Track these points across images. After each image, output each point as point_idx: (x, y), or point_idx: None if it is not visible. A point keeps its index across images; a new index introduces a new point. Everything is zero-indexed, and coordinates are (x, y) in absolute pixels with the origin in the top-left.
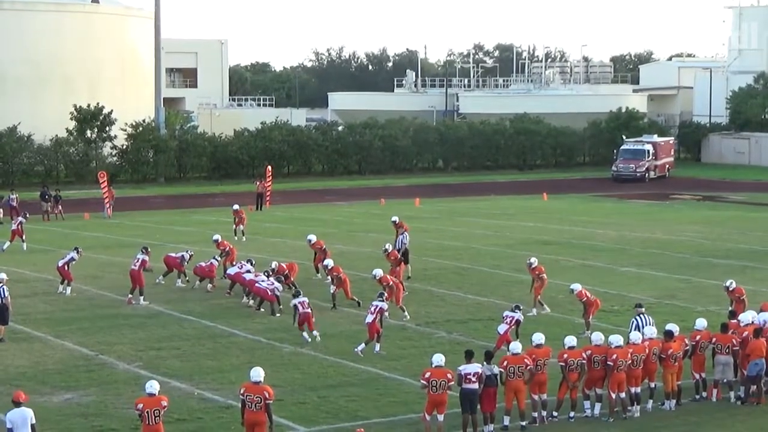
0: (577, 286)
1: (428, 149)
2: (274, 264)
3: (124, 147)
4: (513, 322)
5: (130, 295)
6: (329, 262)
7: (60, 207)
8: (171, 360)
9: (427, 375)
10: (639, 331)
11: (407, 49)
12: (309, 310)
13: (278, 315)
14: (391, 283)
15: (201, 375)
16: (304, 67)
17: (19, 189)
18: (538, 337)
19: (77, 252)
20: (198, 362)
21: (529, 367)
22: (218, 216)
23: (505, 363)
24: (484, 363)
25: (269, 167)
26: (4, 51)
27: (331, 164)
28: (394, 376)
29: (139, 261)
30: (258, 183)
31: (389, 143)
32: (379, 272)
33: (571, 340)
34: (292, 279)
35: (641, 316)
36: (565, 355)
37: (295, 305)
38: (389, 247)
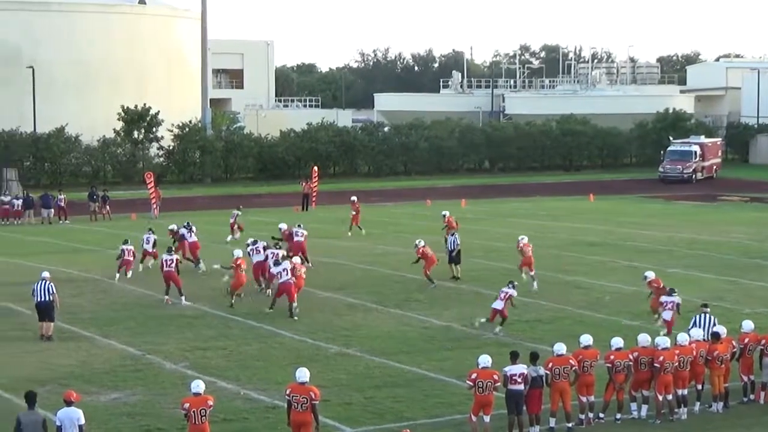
0: (651, 274)
1: (474, 150)
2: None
3: (171, 148)
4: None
5: (166, 296)
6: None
7: (107, 207)
8: (217, 360)
9: (474, 376)
10: (699, 328)
11: (453, 49)
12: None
13: (296, 318)
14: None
15: (247, 375)
16: (350, 68)
17: (67, 189)
18: (586, 339)
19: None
20: (244, 362)
21: (574, 368)
22: (264, 216)
23: (550, 364)
24: (530, 364)
25: (315, 168)
26: (53, 52)
27: (377, 165)
28: (440, 376)
29: (173, 261)
30: (304, 184)
31: (435, 144)
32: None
33: (617, 342)
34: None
35: (703, 315)
36: (612, 357)
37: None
38: (422, 242)
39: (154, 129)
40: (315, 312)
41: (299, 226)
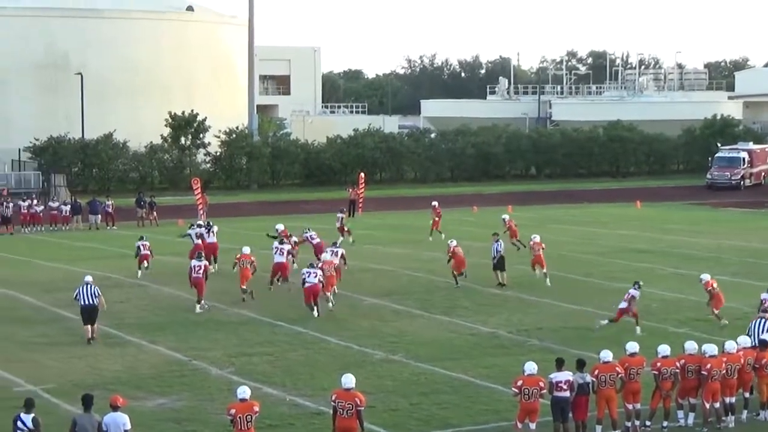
0: (706, 276)
1: (521, 156)
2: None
3: (218, 154)
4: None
5: (200, 303)
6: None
7: (155, 213)
8: (263, 366)
9: (519, 383)
10: (752, 335)
11: (500, 56)
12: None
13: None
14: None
15: (293, 381)
16: (397, 75)
17: (115, 195)
18: (632, 346)
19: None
20: (290, 368)
21: (620, 376)
22: (311, 222)
23: (596, 371)
24: (576, 371)
25: (362, 174)
26: (102, 58)
27: (424, 171)
28: (486, 383)
29: (201, 267)
30: (351, 190)
31: (482, 150)
32: None
33: (664, 349)
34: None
35: (761, 320)
36: (659, 364)
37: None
38: (455, 243)
39: (201, 135)
40: (361, 318)
41: (308, 229)
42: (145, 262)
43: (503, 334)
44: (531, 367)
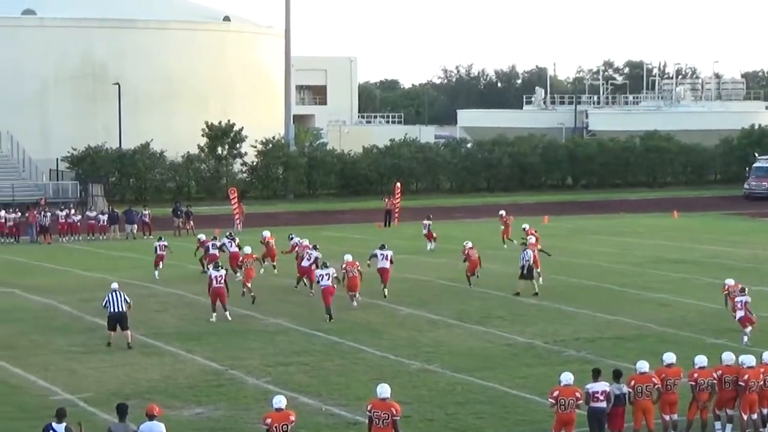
0: (730, 281)
1: (557, 166)
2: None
3: (254, 164)
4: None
5: (226, 313)
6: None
7: (191, 223)
8: (299, 375)
9: (556, 393)
10: None
11: (536, 65)
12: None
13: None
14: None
15: (329, 390)
16: (433, 84)
17: (151, 205)
18: (669, 357)
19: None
20: (326, 378)
21: (657, 387)
22: (347, 232)
23: (632, 382)
24: (613, 382)
25: (398, 184)
26: (138, 69)
27: (460, 181)
28: (522, 393)
29: (222, 277)
30: (387, 200)
31: (518, 160)
32: None
33: (701, 360)
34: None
35: None
36: (696, 375)
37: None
38: (470, 244)
39: (237, 145)
40: (397, 328)
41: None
42: (161, 263)
43: (539, 345)
44: (567, 377)
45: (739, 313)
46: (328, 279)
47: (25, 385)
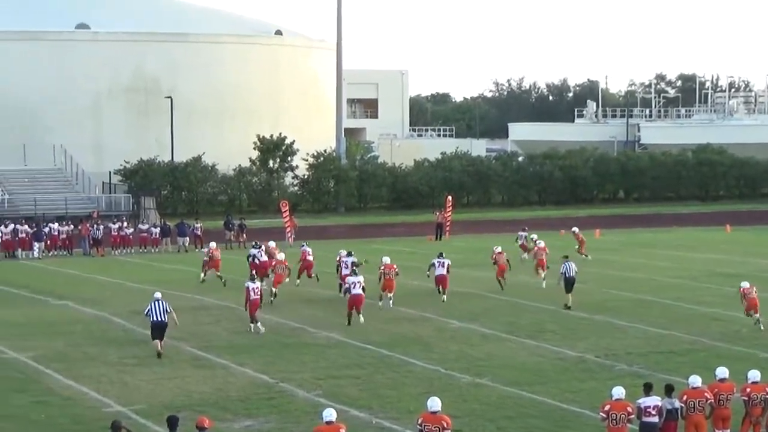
0: (745, 284)
1: (609, 180)
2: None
3: (306, 177)
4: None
5: (258, 324)
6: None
7: (245, 235)
8: (350, 388)
9: (607, 408)
10: None
11: (588, 79)
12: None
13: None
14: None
15: (379, 404)
16: (485, 98)
17: (203, 218)
18: (722, 372)
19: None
20: (376, 391)
21: (709, 402)
22: (398, 246)
23: (684, 397)
24: (665, 396)
25: (449, 197)
26: (191, 82)
27: (511, 195)
28: (573, 408)
29: (259, 288)
30: (438, 213)
31: (569, 174)
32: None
33: (754, 375)
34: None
35: None
36: (748, 390)
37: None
38: (500, 249)
39: (289, 158)
40: (448, 342)
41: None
42: (212, 269)
43: (591, 359)
44: (619, 391)
45: None
46: (358, 287)
47: (77, 397)
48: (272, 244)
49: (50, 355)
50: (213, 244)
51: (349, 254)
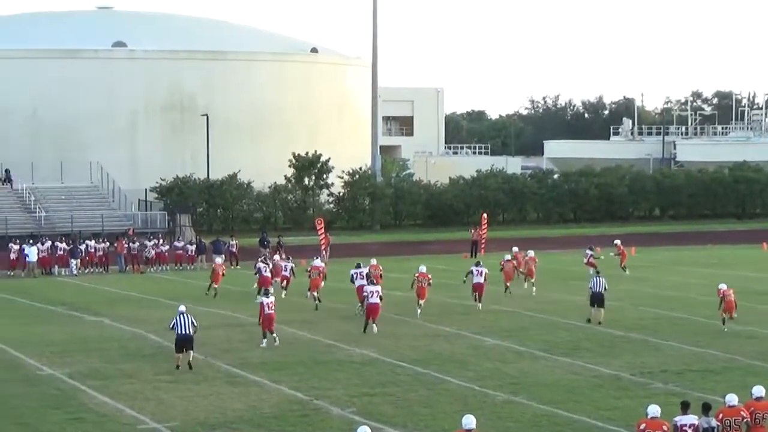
0: (723, 286)
1: (644, 197)
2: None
3: (341, 194)
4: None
5: (266, 339)
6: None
7: (284, 253)
8: (384, 406)
9: (642, 426)
10: None
11: (624, 96)
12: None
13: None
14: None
15: (414, 421)
16: (520, 115)
17: (238, 235)
18: (758, 390)
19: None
20: (411, 409)
21: (745, 420)
22: (433, 263)
23: (720, 415)
24: (702, 415)
25: (485, 215)
26: (228, 99)
27: (547, 212)
28: (608, 426)
29: (273, 303)
30: (473, 231)
31: (605, 191)
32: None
33: None
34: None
35: None
36: None
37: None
38: (509, 257)
39: (324, 176)
40: (483, 359)
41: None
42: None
43: (626, 377)
44: (654, 409)
45: None
46: (376, 296)
47: (113, 414)
48: (276, 257)
49: (86, 372)
50: (219, 260)
51: (358, 266)
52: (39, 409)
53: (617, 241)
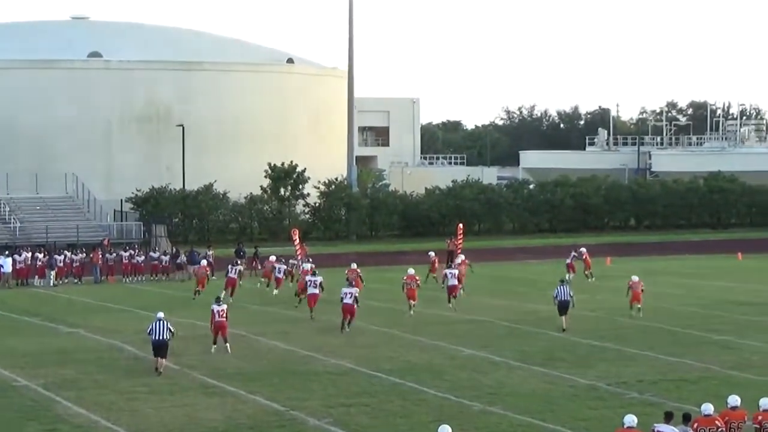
0: (635, 278)
1: (620, 208)
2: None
3: (317, 205)
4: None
5: (227, 345)
6: None
7: (257, 263)
8: (360, 417)
9: None
10: None
11: (599, 107)
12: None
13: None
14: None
15: None
16: (496, 126)
17: (214, 246)
18: (734, 400)
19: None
20: (387, 419)
21: (720, 429)
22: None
23: (696, 425)
24: (680, 424)
25: (460, 225)
26: (203, 110)
27: (522, 222)
28: None
29: (224, 310)
30: (449, 241)
31: (581, 201)
32: None
33: (766, 402)
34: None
35: None
36: (760, 417)
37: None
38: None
39: (300, 186)
40: (459, 369)
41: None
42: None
43: (602, 387)
44: (631, 419)
45: None
46: (350, 298)
47: (88, 425)
48: (204, 262)
49: (61, 383)
50: (204, 262)
51: (314, 273)
52: (14, 420)
53: (582, 249)
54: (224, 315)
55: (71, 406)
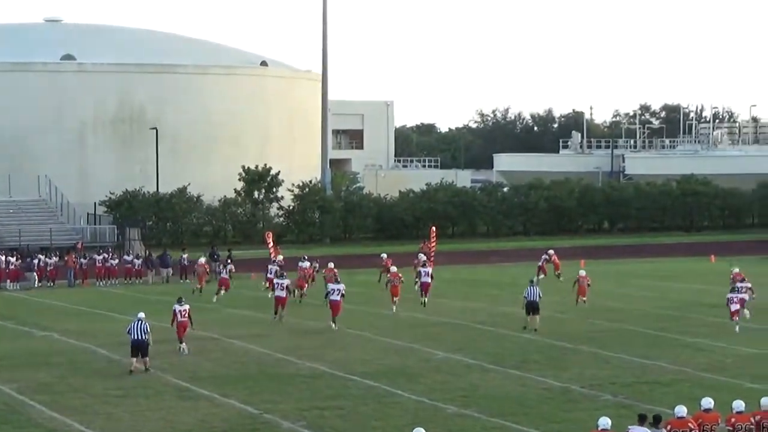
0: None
1: (593, 210)
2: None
3: (291, 208)
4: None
5: (183, 345)
6: None
7: (232, 266)
8: (334, 420)
9: None
10: None
11: (573, 110)
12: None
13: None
14: None
15: None
16: (470, 128)
17: (188, 249)
18: (707, 402)
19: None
20: (361, 422)
21: (693, 431)
22: (383, 276)
23: (669, 427)
24: (653, 427)
25: (434, 228)
26: (176, 113)
27: (496, 225)
28: None
29: (186, 311)
30: (423, 244)
31: (554, 204)
32: None
33: (739, 405)
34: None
35: None
36: (733, 420)
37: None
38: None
39: (274, 189)
40: (433, 372)
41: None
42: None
43: (576, 389)
44: (605, 422)
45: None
46: (337, 294)
47: (62, 429)
48: (202, 260)
49: (34, 387)
50: (202, 260)
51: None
52: None
53: (551, 251)
54: (186, 315)
55: (45, 410)
